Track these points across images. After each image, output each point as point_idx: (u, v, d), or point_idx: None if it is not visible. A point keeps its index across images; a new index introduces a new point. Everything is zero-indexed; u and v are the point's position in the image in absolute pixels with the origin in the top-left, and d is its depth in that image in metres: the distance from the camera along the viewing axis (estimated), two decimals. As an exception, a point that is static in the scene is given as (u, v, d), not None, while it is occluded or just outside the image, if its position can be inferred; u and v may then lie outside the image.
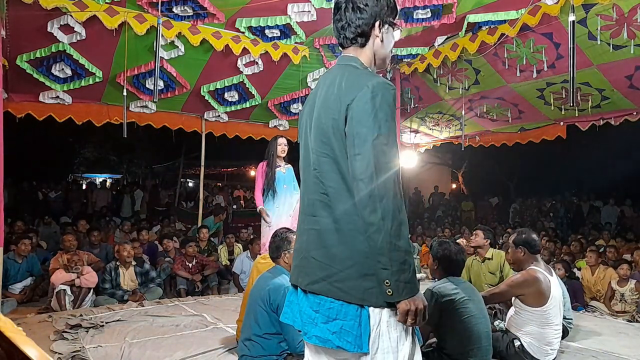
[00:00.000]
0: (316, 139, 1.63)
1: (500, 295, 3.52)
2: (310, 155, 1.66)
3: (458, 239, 8.59)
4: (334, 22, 1.69)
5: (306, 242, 1.65)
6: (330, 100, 1.59)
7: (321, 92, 1.66)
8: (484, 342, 3.04)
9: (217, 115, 7.27)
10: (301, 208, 1.73)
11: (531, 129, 7.78)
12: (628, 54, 5.02)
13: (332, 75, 1.66)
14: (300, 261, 1.67)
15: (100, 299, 5.44)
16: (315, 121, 1.64)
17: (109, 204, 12.41)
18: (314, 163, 1.64)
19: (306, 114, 1.74)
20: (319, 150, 1.61)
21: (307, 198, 1.67)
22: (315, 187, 1.63)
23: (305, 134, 1.72)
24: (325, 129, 1.59)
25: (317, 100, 1.66)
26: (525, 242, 3.58)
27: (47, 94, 5.91)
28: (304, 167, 1.72)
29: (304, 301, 1.65)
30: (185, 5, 5.00)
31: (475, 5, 5.17)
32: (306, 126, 1.71)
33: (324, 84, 1.68)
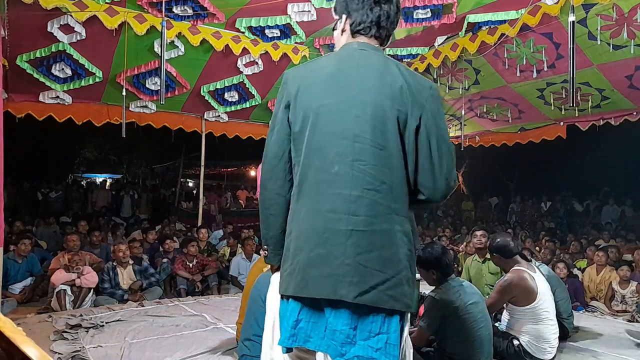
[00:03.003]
0: (370, 127, 1.43)
1: (495, 305, 3.55)
2: (348, 143, 1.44)
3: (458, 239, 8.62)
4: (370, 10, 1.54)
5: (346, 246, 1.40)
6: (395, 90, 1.45)
7: (365, 76, 1.48)
8: (486, 345, 3.03)
9: (217, 115, 7.28)
10: (326, 204, 1.44)
11: (531, 129, 7.79)
12: (628, 54, 5.03)
13: (373, 60, 1.51)
14: (337, 268, 1.40)
15: (101, 299, 5.44)
16: (371, 108, 1.44)
17: (108, 204, 12.41)
18: (357, 153, 1.43)
19: (328, 94, 1.48)
20: (372, 140, 1.43)
21: (343, 193, 1.43)
22: (357, 181, 1.42)
23: (329, 118, 1.47)
24: (385, 119, 1.44)
25: (356, 83, 1.47)
26: (497, 249, 3.67)
27: (47, 94, 5.91)
28: (329, 156, 1.45)
29: (337, 318, 1.42)
30: (186, 5, 5.00)
31: (475, 5, 5.17)
32: (334, 109, 1.47)
33: (361, 66, 1.50)
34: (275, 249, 1.60)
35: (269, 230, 1.61)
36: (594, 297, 6.03)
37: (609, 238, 9.17)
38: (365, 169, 1.43)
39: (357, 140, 1.44)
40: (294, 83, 1.53)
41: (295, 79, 1.55)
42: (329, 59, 1.59)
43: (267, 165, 1.58)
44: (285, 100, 1.53)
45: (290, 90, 1.53)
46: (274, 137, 1.55)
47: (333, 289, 1.40)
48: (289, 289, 1.48)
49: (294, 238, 1.49)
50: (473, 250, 5.83)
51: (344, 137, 1.45)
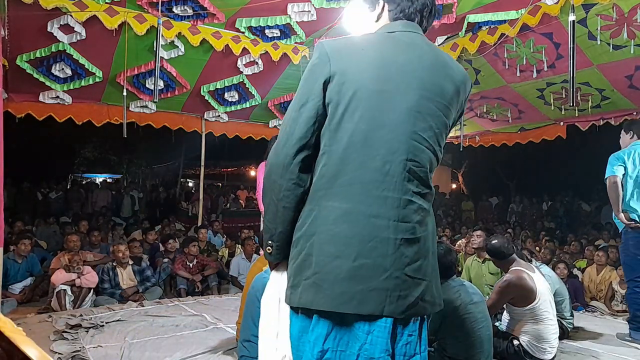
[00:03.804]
0: (428, 126, 1.30)
1: (494, 305, 3.55)
2: (404, 139, 1.27)
3: (458, 239, 8.62)
4: (422, 5, 1.44)
5: (395, 257, 1.25)
6: (456, 88, 1.36)
7: (429, 66, 1.33)
8: (486, 345, 3.03)
9: (217, 115, 7.27)
10: (372, 208, 1.26)
11: (531, 129, 7.79)
12: (628, 54, 5.03)
13: (431, 48, 1.40)
14: (386, 282, 1.24)
15: (101, 299, 5.45)
16: (433, 105, 1.31)
17: (108, 204, 12.41)
18: (412, 153, 1.28)
19: (386, 79, 1.29)
20: (428, 140, 1.30)
21: (393, 197, 1.26)
22: (408, 184, 1.27)
23: (384, 107, 1.28)
24: (441, 119, 1.33)
25: (420, 73, 1.31)
26: (491, 251, 3.69)
27: (47, 94, 5.91)
28: (379, 151, 1.26)
29: (374, 344, 1.25)
30: (185, 5, 5.00)
31: (476, 5, 5.17)
32: (391, 98, 1.28)
33: (423, 53, 1.35)
34: (282, 246, 1.37)
35: (279, 226, 1.34)
36: (594, 297, 6.03)
37: (609, 238, 9.17)
38: (418, 171, 1.29)
39: (414, 139, 1.28)
40: (340, 55, 1.30)
41: (341, 52, 1.31)
42: (379, 37, 1.39)
43: (287, 149, 1.29)
44: (326, 73, 1.28)
45: (336, 62, 1.29)
46: (305, 115, 1.29)
47: (380, 304, 1.23)
48: (317, 302, 1.24)
49: (322, 242, 1.26)
50: (473, 251, 5.84)
51: (400, 132, 1.27)
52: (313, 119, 1.29)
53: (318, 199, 1.29)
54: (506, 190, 18.13)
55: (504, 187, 18.43)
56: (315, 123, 1.30)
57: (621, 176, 4.10)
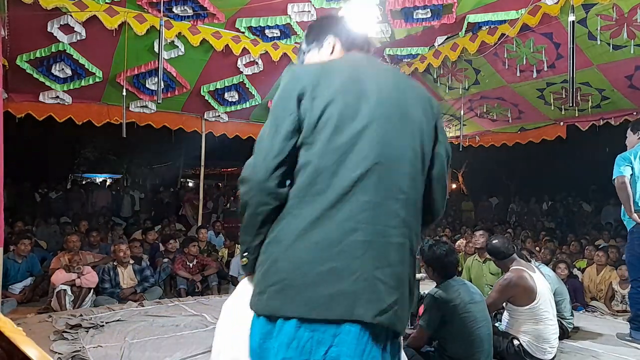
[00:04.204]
0: (402, 134, 1.37)
1: (494, 304, 3.56)
2: (375, 147, 1.31)
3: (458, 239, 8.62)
4: (363, 30, 1.66)
5: (363, 259, 1.24)
6: (423, 101, 1.46)
7: (391, 82, 1.41)
8: (486, 345, 3.03)
9: (217, 115, 7.28)
10: (341, 213, 1.26)
11: (531, 129, 7.79)
12: (628, 54, 5.03)
13: (389, 68, 1.60)
14: (354, 284, 1.24)
15: (101, 299, 5.44)
16: (405, 114, 1.38)
17: (108, 204, 12.41)
18: (383, 156, 1.31)
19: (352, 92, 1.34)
20: (403, 146, 1.36)
21: (361, 199, 1.27)
22: (378, 188, 1.30)
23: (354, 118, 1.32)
24: (414, 129, 1.40)
25: (382, 87, 1.38)
26: (491, 251, 3.72)
27: (47, 94, 5.91)
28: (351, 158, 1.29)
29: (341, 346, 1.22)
30: (185, 5, 5.00)
31: (476, 5, 5.17)
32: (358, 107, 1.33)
33: (382, 72, 1.45)
34: (257, 258, 1.38)
35: (255, 239, 1.36)
36: (594, 297, 6.03)
37: (609, 238, 9.17)
38: (390, 176, 1.30)
39: (387, 145, 1.31)
40: (309, 74, 1.37)
41: (309, 71, 1.39)
42: (342, 60, 1.48)
43: (267, 163, 1.32)
44: (299, 89, 1.34)
45: (306, 80, 1.35)
46: (282, 131, 1.33)
47: (349, 308, 1.21)
48: (284, 309, 1.23)
49: (290, 248, 1.26)
50: (473, 251, 5.84)
51: (371, 139, 1.30)
52: (290, 134, 1.32)
53: (290, 207, 1.31)
54: (506, 191, 18.13)
55: (504, 187, 18.42)
56: (292, 138, 1.33)
57: (629, 176, 4.10)
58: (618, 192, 4.15)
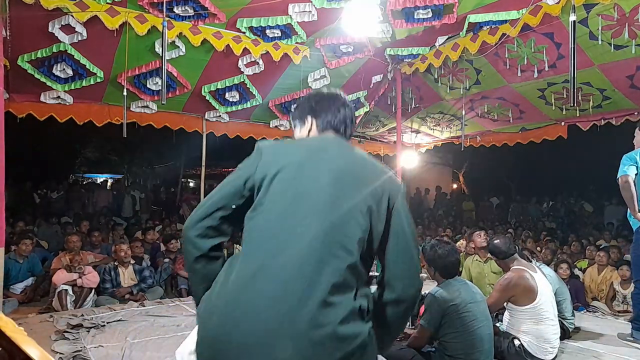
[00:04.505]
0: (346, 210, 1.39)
1: (495, 303, 3.56)
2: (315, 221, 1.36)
3: (459, 239, 8.62)
4: (344, 111, 1.66)
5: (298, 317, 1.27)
6: (373, 181, 1.47)
7: (346, 160, 1.50)
8: (487, 344, 3.03)
9: (218, 116, 7.27)
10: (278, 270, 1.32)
11: (532, 129, 7.77)
12: (629, 53, 5.02)
13: (351, 149, 1.57)
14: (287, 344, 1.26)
15: (102, 299, 5.45)
16: (351, 190, 1.43)
17: (109, 204, 12.42)
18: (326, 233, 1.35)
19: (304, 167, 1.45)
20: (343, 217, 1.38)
21: (288, 262, 1.32)
22: (317, 249, 1.33)
23: (300, 188, 1.41)
24: (358, 205, 1.41)
25: (336, 164, 1.46)
26: (492, 252, 3.72)
27: (48, 94, 5.91)
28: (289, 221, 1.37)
29: None
30: (186, 5, 5.00)
31: (477, 5, 5.16)
32: (308, 179, 1.42)
33: (342, 152, 1.53)
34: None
35: (195, 286, 1.53)
36: (595, 297, 6.03)
37: (610, 238, 9.16)
38: (338, 240, 1.35)
39: (332, 213, 1.37)
40: (270, 150, 1.50)
41: (271, 148, 1.52)
42: (308, 140, 1.64)
43: (193, 215, 1.48)
44: (257, 161, 1.47)
45: (266, 155, 1.48)
46: (219, 194, 1.48)
47: None
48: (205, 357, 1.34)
49: (215, 303, 1.35)
50: (473, 251, 5.84)
51: (313, 206, 1.37)
52: (224, 199, 1.47)
53: (226, 265, 1.44)
54: (507, 191, 18.12)
55: (504, 187, 18.42)
56: (225, 203, 1.46)
57: (633, 176, 4.10)
58: (622, 191, 4.14)
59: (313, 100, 1.68)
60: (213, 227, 1.47)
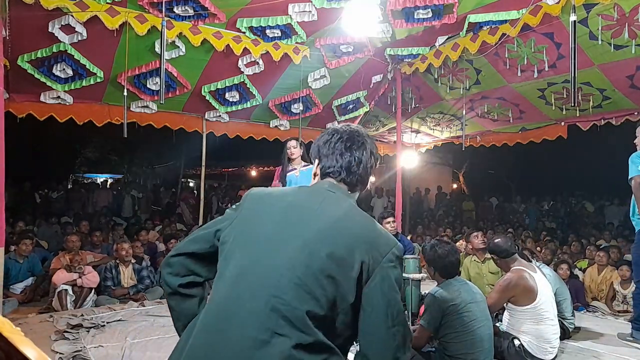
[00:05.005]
0: (302, 273, 1.25)
1: (495, 303, 3.56)
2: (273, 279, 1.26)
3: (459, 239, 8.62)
4: (340, 155, 1.49)
5: None
6: (348, 239, 1.31)
7: (322, 216, 1.36)
8: (486, 344, 3.03)
9: (218, 115, 7.27)
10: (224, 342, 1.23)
11: (532, 129, 7.77)
12: (629, 53, 5.02)
13: (338, 203, 1.41)
14: None
15: (102, 299, 5.45)
16: (313, 250, 1.28)
17: (109, 204, 12.42)
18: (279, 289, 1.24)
19: (270, 221, 1.36)
20: (302, 285, 1.24)
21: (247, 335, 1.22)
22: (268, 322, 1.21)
23: (262, 246, 1.32)
24: (324, 267, 1.26)
25: (309, 220, 1.35)
26: (493, 251, 3.72)
27: (48, 94, 5.91)
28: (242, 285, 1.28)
29: None
30: (186, 5, 5.00)
31: (476, 5, 5.16)
32: (271, 237, 1.33)
33: (324, 206, 1.39)
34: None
35: (174, 322, 1.58)
36: (595, 297, 6.03)
37: (610, 238, 9.16)
38: (283, 310, 1.21)
39: (285, 276, 1.25)
40: (252, 200, 1.45)
41: (254, 198, 1.46)
42: (297, 190, 1.53)
43: (168, 255, 1.51)
44: (236, 213, 1.44)
45: (246, 205, 1.44)
46: (192, 236, 1.50)
47: None
48: None
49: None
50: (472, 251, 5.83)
51: (270, 268, 1.27)
52: (199, 241, 1.46)
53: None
54: (507, 191, 18.11)
55: (504, 187, 18.41)
56: (194, 247, 1.47)
57: None
58: (634, 191, 4.12)
59: (321, 141, 1.55)
60: (184, 265, 1.47)
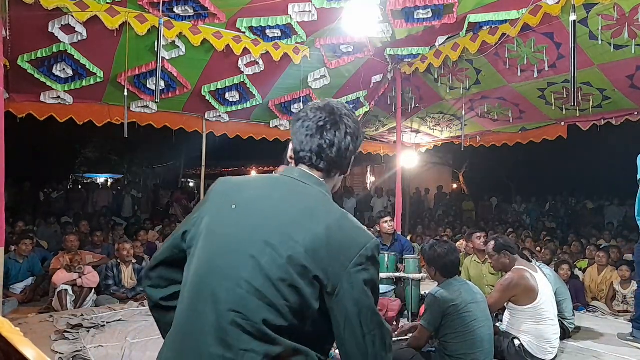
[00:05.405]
0: (263, 276, 1.14)
1: (496, 303, 3.56)
2: (230, 286, 1.15)
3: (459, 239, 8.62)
4: (310, 137, 1.30)
5: None
6: (310, 240, 1.16)
7: (285, 212, 1.22)
8: (487, 344, 3.03)
9: (218, 116, 7.27)
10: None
11: (532, 129, 7.77)
12: (629, 53, 5.02)
13: (305, 196, 1.26)
14: None
15: (102, 299, 5.45)
16: (273, 252, 1.16)
17: (109, 204, 12.42)
18: (237, 303, 1.14)
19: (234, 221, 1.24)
20: (260, 291, 1.13)
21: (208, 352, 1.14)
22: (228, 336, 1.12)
23: (221, 249, 1.21)
24: (284, 270, 1.14)
25: (271, 218, 1.21)
26: (505, 246, 3.72)
27: (48, 94, 5.91)
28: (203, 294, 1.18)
29: None
30: (186, 5, 5.00)
31: (476, 5, 5.16)
32: (231, 240, 1.21)
33: (287, 200, 1.25)
34: None
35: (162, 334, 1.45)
36: (595, 297, 6.03)
37: (610, 238, 9.16)
38: (245, 324, 1.12)
39: (241, 286, 1.14)
40: (215, 196, 1.32)
41: (217, 192, 1.33)
42: (262, 181, 1.36)
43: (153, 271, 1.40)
44: (200, 211, 1.32)
45: (210, 201, 1.32)
46: (167, 243, 1.38)
47: None
48: None
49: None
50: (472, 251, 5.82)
51: (231, 279, 1.15)
52: (170, 248, 1.36)
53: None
54: (507, 191, 18.11)
55: (504, 187, 18.40)
56: (168, 252, 1.36)
57: None
58: None
59: (294, 119, 1.36)
60: (162, 277, 1.37)
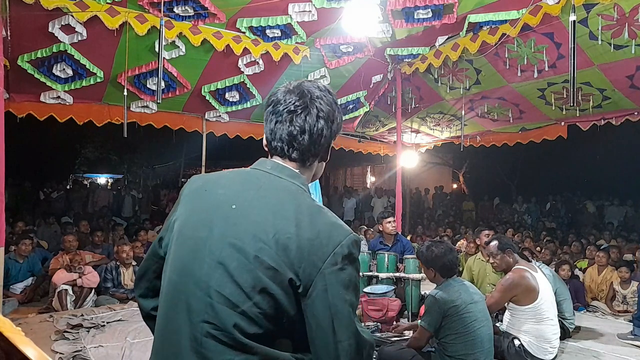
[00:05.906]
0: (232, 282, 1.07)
1: (497, 303, 3.56)
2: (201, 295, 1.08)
3: (459, 239, 8.62)
4: (279, 123, 1.20)
5: None
6: (280, 239, 1.07)
7: (256, 210, 1.12)
8: (487, 345, 3.03)
9: (218, 115, 7.27)
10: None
11: (532, 129, 7.77)
12: (629, 53, 5.02)
13: (272, 186, 1.17)
14: None
15: (102, 299, 5.45)
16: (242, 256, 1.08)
17: (109, 204, 12.41)
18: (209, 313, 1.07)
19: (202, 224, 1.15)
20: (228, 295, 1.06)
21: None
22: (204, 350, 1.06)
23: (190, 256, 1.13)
24: (255, 275, 1.06)
25: (241, 218, 1.12)
26: (508, 245, 3.74)
27: (48, 94, 5.91)
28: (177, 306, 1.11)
29: None
30: (186, 5, 5.00)
31: (476, 5, 5.16)
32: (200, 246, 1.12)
33: (258, 197, 1.14)
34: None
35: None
36: (595, 297, 6.03)
37: (610, 238, 9.16)
38: (218, 335, 1.05)
39: (211, 296, 1.07)
40: (188, 197, 1.24)
41: (188, 193, 1.25)
42: (233, 177, 1.24)
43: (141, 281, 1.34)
44: (174, 215, 1.23)
45: (182, 204, 1.23)
46: (149, 251, 1.32)
47: None
48: None
49: None
50: (473, 251, 5.83)
51: (200, 287, 1.08)
52: (150, 257, 1.30)
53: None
54: (507, 191, 18.11)
55: (504, 187, 18.40)
56: (152, 260, 1.29)
57: None
58: None
59: (265, 104, 1.27)
60: (150, 287, 1.31)
